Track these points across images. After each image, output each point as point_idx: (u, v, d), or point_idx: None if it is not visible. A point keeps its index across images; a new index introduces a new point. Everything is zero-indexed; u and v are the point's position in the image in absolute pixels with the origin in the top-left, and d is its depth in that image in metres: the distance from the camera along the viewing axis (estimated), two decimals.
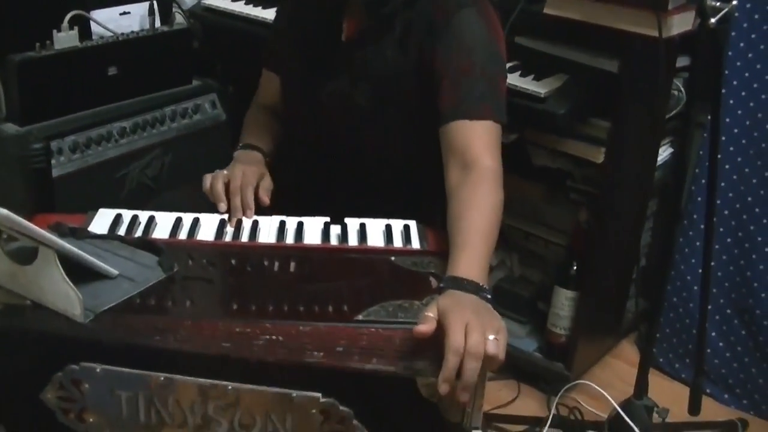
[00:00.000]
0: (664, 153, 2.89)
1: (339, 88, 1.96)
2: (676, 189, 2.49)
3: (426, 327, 1.40)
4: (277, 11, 2.29)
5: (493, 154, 1.78)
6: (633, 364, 2.81)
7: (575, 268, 2.72)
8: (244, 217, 1.86)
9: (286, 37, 2.13)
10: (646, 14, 2.30)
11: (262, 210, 1.91)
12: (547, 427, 2.61)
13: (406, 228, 1.81)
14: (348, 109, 1.96)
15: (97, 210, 1.88)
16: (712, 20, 2.07)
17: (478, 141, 1.77)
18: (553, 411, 2.67)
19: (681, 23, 2.44)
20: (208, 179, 1.95)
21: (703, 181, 2.81)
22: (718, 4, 2.07)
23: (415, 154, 1.99)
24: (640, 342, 3.09)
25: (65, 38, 2.57)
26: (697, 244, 2.86)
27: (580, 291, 2.73)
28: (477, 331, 1.38)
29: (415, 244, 1.77)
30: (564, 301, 2.74)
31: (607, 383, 2.77)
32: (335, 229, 1.82)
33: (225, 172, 1.96)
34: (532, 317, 2.94)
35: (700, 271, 2.54)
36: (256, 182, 1.94)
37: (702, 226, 2.77)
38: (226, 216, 1.87)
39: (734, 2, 2.08)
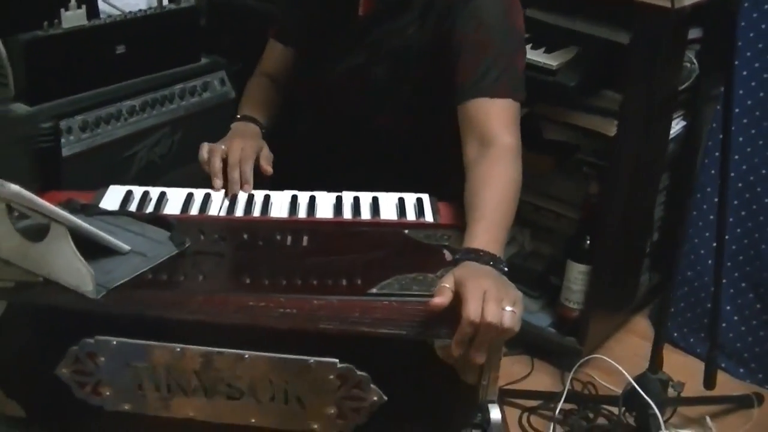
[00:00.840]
0: (677, 126, 2.87)
1: (355, 64, 1.94)
2: (688, 162, 2.47)
3: (442, 299, 1.39)
4: None
5: (512, 131, 1.77)
6: (646, 339, 2.81)
7: (588, 242, 2.71)
8: (242, 192, 1.85)
9: (299, 10, 2.09)
10: None
11: (273, 184, 1.89)
12: (561, 402, 2.60)
13: (419, 201, 1.80)
14: (363, 85, 1.94)
15: (107, 187, 1.87)
16: None
17: (496, 118, 1.76)
18: (567, 386, 2.66)
19: None
20: (204, 149, 1.93)
21: (716, 153, 2.79)
22: None
23: (430, 129, 1.97)
24: (654, 316, 3.08)
25: (73, 17, 2.55)
26: (711, 217, 2.84)
27: (593, 265, 2.72)
28: (494, 301, 1.37)
29: (429, 217, 1.76)
30: (576, 275, 2.73)
31: (621, 358, 2.76)
32: (348, 203, 1.80)
33: (223, 146, 1.93)
34: (544, 292, 2.94)
35: (714, 244, 2.54)
36: (254, 156, 1.92)
37: (715, 199, 2.75)
38: (222, 192, 1.86)
39: None
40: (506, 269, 1.52)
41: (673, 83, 2.70)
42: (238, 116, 2.11)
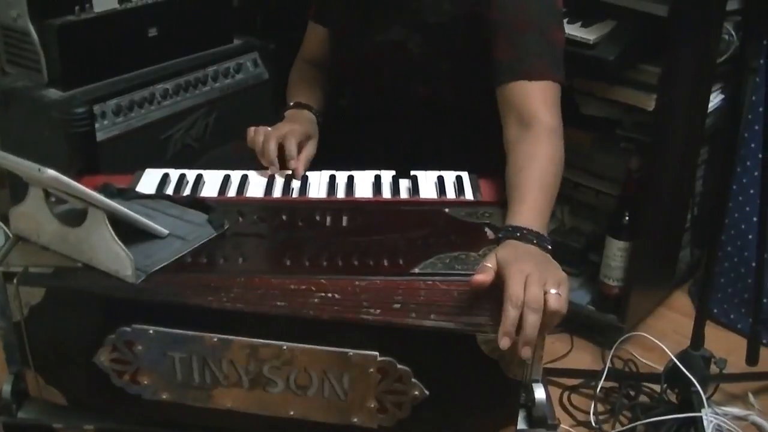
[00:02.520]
0: (716, 99, 2.83)
1: (391, 39, 1.91)
2: (729, 135, 2.43)
3: (484, 276, 1.37)
4: None
5: (553, 111, 1.74)
6: (687, 315, 2.79)
7: (627, 218, 2.68)
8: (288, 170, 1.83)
9: None
10: None
11: (315, 160, 1.89)
12: (602, 380, 2.57)
13: (459, 179, 1.78)
14: (401, 59, 1.92)
15: (143, 170, 1.86)
16: None
17: (536, 100, 1.73)
18: (608, 364, 2.63)
19: None
20: (252, 133, 1.90)
21: (756, 126, 2.75)
22: None
23: (471, 100, 1.94)
24: (694, 292, 3.05)
25: (104, 1, 2.55)
26: (751, 191, 2.81)
27: (633, 241, 2.69)
28: (536, 284, 1.34)
29: (468, 194, 1.74)
30: (616, 252, 2.70)
31: (662, 334, 2.74)
32: (386, 182, 1.78)
33: (269, 129, 1.90)
34: (583, 269, 2.91)
35: (755, 219, 2.50)
36: (298, 139, 1.88)
37: (756, 173, 2.72)
38: (259, 173, 1.84)
39: None
40: (550, 247, 1.50)
41: (712, 56, 2.66)
42: (291, 104, 2.06)
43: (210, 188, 1.77)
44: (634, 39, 2.46)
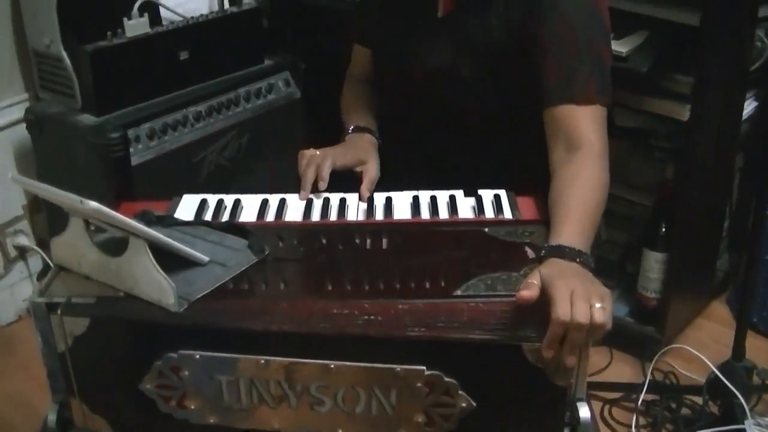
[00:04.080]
0: (749, 107, 2.81)
1: (439, 64, 1.90)
2: (764, 143, 2.41)
3: (529, 293, 1.37)
4: None
5: (600, 135, 1.74)
6: (725, 324, 2.77)
7: (663, 229, 2.66)
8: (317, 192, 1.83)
9: (376, 11, 2.05)
10: None
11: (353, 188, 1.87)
12: (643, 393, 2.55)
13: (497, 198, 1.77)
14: (449, 82, 1.90)
15: (180, 196, 1.86)
16: None
17: (584, 125, 1.72)
18: (648, 376, 2.62)
19: None
20: (303, 159, 1.89)
21: None
22: None
23: (513, 122, 1.92)
24: (732, 301, 3.02)
25: (136, 25, 2.58)
26: None
27: (670, 252, 2.67)
28: (582, 300, 1.34)
29: (507, 213, 1.73)
30: (653, 263, 2.68)
31: (701, 345, 2.71)
32: (425, 203, 1.78)
33: (317, 153, 1.89)
34: (621, 281, 2.89)
35: None
36: (347, 163, 1.88)
37: None
38: (314, 196, 1.83)
39: None
40: (593, 265, 1.49)
41: (745, 63, 2.64)
42: (351, 128, 2.04)
43: (248, 213, 1.77)
44: (666, 49, 2.45)
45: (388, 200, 1.78)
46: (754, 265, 2.45)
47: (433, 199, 1.78)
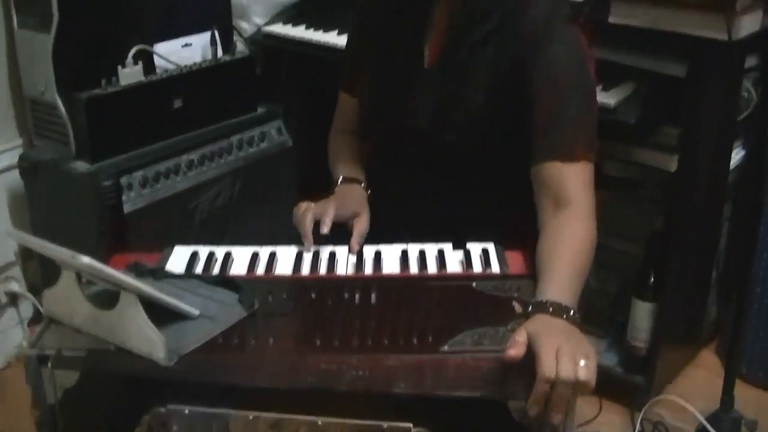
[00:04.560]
0: (737, 156, 2.83)
1: (423, 126, 1.91)
2: (752, 193, 2.43)
3: (515, 351, 1.39)
4: (350, 34, 2.21)
5: (588, 192, 1.76)
6: (715, 373, 2.77)
7: (652, 279, 2.68)
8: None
9: (363, 61, 2.06)
10: (713, 17, 2.26)
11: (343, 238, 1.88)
12: None
13: (485, 252, 1.78)
14: (432, 146, 1.91)
15: (171, 246, 1.87)
16: None
17: (572, 182, 1.74)
18: (637, 427, 2.62)
19: (749, 24, 2.40)
20: (300, 212, 1.90)
21: None
22: None
23: (498, 179, 1.94)
24: (721, 350, 3.03)
25: (130, 73, 2.60)
26: None
27: (659, 302, 2.68)
28: (568, 357, 1.36)
29: (495, 267, 1.74)
30: (642, 313, 2.70)
31: (691, 395, 2.71)
32: (413, 256, 1.79)
33: (312, 205, 1.90)
34: (610, 330, 2.90)
35: None
36: (330, 216, 1.88)
37: None
38: (288, 249, 1.84)
39: None
40: (578, 320, 1.51)
41: (733, 114, 2.66)
42: (340, 179, 2.06)
43: (239, 265, 1.78)
44: (654, 101, 2.47)
45: (377, 254, 1.79)
46: (742, 315, 2.47)
47: (422, 253, 1.80)
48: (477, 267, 1.75)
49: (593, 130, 1.82)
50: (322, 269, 1.77)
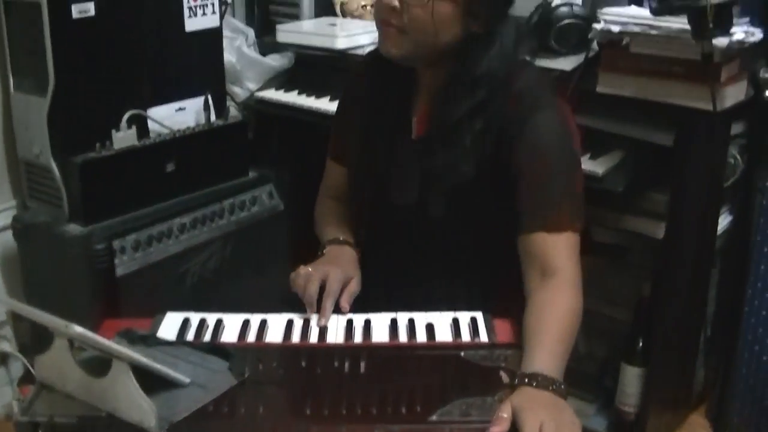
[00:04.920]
0: (724, 221, 2.86)
1: (411, 198, 1.94)
2: (740, 259, 2.46)
3: (500, 428, 1.41)
4: (339, 103, 2.25)
5: (574, 262, 1.78)
6: None
7: (641, 344, 2.69)
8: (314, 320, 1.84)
9: (352, 129, 2.09)
10: (698, 87, 2.30)
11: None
12: None
13: (473, 320, 1.80)
14: (418, 219, 1.94)
15: (163, 312, 1.88)
16: (767, 93, 2.06)
17: (558, 252, 1.77)
18: None
19: (734, 93, 2.44)
20: (299, 278, 1.90)
21: (766, 249, 2.77)
22: None
23: (485, 249, 1.96)
24: (711, 414, 3.04)
25: (124, 137, 2.62)
26: (764, 313, 2.81)
27: (648, 367, 2.70)
28: None
29: (483, 336, 1.75)
30: (631, 378, 2.71)
31: None
32: (403, 325, 1.80)
33: (310, 270, 1.91)
34: (599, 395, 2.91)
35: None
36: (339, 288, 1.89)
37: (766, 295, 2.73)
38: (295, 316, 1.85)
39: None
40: (564, 392, 1.52)
41: (719, 181, 2.70)
42: (328, 240, 2.07)
43: (230, 333, 1.79)
44: (642, 168, 2.51)
45: (367, 322, 1.81)
46: (730, 379, 2.48)
47: (411, 321, 1.81)
48: (465, 336, 1.76)
49: (579, 201, 1.84)
50: (313, 337, 1.78)
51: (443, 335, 1.77)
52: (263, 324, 1.81)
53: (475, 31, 1.85)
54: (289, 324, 1.82)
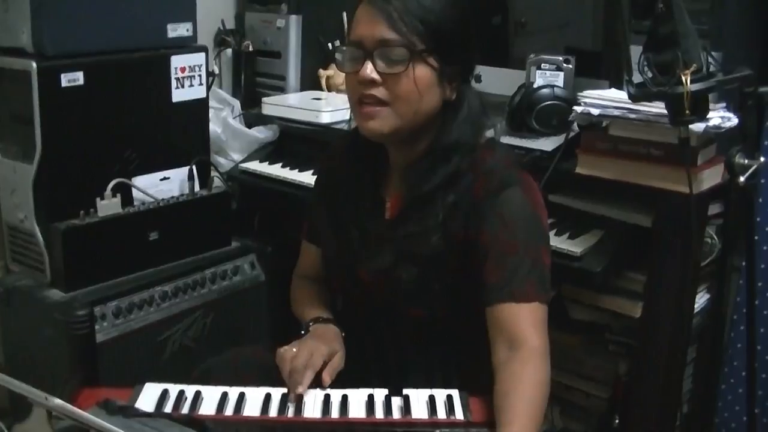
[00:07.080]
0: (701, 300, 2.88)
1: (383, 267, 1.97)
2: (715, 337, 2.48)
3: None
4: (315, 184, 2.30)
5: (540, 333, 1.80)
6: None
7: (617, 420, 2.70)
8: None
9: (326, 211, 2.13)
10: (676, 170, 2.33)
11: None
12: None
13: (449, 398, 1.82)
14: (393, 284, 1.97)
15: (142, 383, 1.89)
16: (742, 178, 2.10)
17: (525, 323, 1.79)
18: None
19: (711, 177, 2.47)
20: (286, 358, 1.91)
21: (741, 327, 2.80)
22: (746, 162, 2.09)
23: (459, 320, 1.99)
24: None
25: (108, 205, 2.64)
26: (740, 391, 2.83)
27: None
28: None
29: (459, 414, 1.77)
30: None
31: None
32: (379, 401, 1.82)
33: (294, 349, 1.92)
34: None
35: (744, 418, 2.52)
36: (321, 362, 1.91)
37: (743, 373, 2.75)
38: (273, 390, 1.86)
39: (762, 159, 2.11)
40: None
41: (696, 261, 2.72)
42: (312, 319, 2.08)
43: (208, 405, 1.81)
44: (620, 249, 2.53)
45: (344, 398, 1.82)
46: None
47: (387, 398, 1.82)
48: (441, 413, 1.78)
49: (546, 273, 1.88)
50: (290, 412, 1.79)
51: (419, 412, 1.79)
52: (241, 397, 1.83)
53: (448, 98, 1.90)
54: (267, 398, 1.83)
